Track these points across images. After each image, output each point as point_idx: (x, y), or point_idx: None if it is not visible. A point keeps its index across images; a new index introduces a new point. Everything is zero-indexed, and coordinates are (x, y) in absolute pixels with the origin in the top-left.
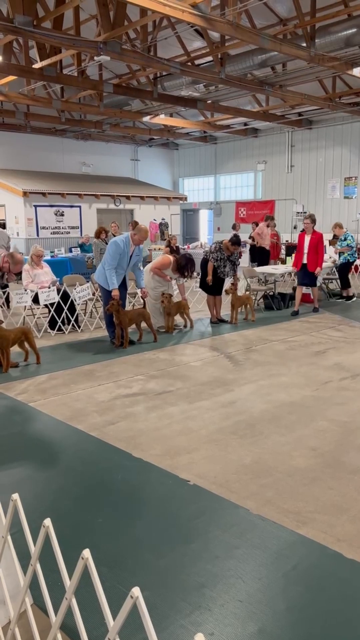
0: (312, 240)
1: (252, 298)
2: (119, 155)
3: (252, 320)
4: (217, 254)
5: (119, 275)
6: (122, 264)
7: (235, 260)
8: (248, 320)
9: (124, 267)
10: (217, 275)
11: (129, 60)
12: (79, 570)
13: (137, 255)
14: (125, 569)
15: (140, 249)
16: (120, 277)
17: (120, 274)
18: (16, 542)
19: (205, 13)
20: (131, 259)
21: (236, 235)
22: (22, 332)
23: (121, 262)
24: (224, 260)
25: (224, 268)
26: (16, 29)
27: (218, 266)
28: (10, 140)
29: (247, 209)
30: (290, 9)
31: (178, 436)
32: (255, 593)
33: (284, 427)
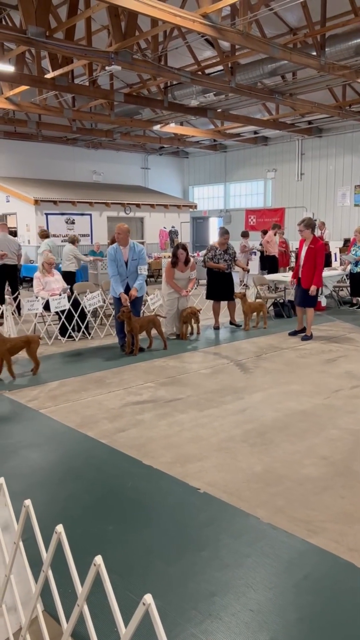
0: (309, 251)
1: (266, 305)
2: (129, 163)
3: (263, 327)
4: (210, 253)
5: (122, 282)
6: (121, 270)
7: (233, 253)
8: (259, 327)
9: (124, 274)
10: (219, 279)
11: (140, 69)
12: (91, 577)
13: (135, 259)
14: (135, 577)
15: (138, 251)
16: (123, 283)
17: (123, 281)
18: (27, 549)
19: (215, 23)
20: (129, 264)
21: (221, 228)
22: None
23: (119, 268)
24: (222, 255)
25: (224, 262)
26: (29, 39)
27: (217, 262)
28: (22, 149)
29: (257, 216)
30: (300, 18)
31: (188, 444)
32: (267, 602)
33: (295, 435)
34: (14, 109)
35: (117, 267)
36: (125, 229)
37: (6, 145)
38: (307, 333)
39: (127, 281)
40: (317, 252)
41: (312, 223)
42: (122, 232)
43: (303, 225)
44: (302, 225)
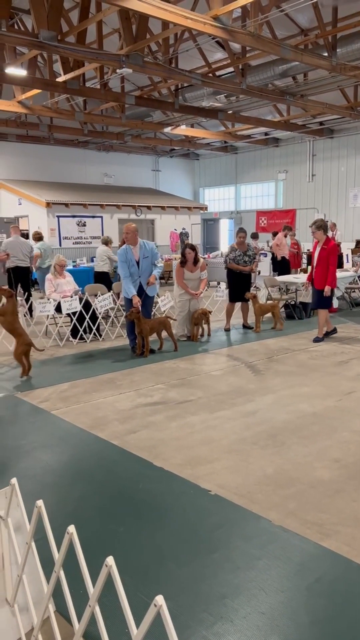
0: (321, 252)
1: (278, 307)
2: (140, 165)
3: (279, 329)
4: (232, 254)
5: (135, 282)
6: (133, 270)
7: (252, 255)
8: (276, 329)
9: (137, 274)
10: (238, 280)
11: (151, 72)
12: (102, 578)
13: (147, 257)
14: (146, 578)
15: (150, 249)
16: (136, 283)
17: (135, 281)
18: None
19: (226, 25)
20: (141, 263)
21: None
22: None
23: (131, 269)
24: (241, 257)
25: (243, 263)
26: (41, 43)
27: (237, 263)
28: (34, 152)
29: (267, 218)
30: (311, 19)
31: (199, 446)
32: (278, 605)
33: (306, 438)
34: (26, 112)
35: (129, 268)
36: (133, 228)
37: (18, 149)
38: (319, 335)
39: (140, 280)
40: (330, 253)
41: (324, 224)
42: (130, 231)
43: (314, 227)
44: (314, 227)
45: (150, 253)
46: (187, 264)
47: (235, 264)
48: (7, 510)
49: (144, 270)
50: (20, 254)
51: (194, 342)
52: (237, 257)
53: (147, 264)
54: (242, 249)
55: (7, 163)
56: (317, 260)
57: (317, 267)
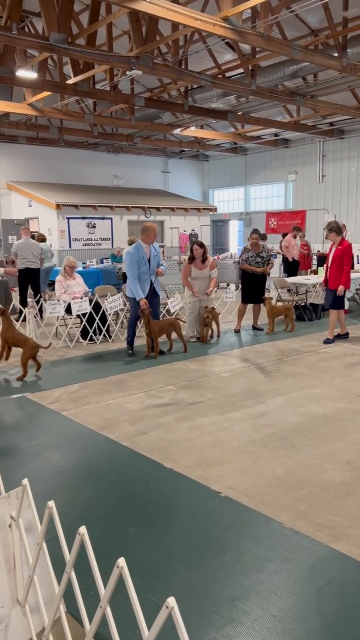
0: (336, 253)
1: (292, 309)
2: (149, 167)
3: (289, 331)
4: (245, 255)
5: (145, 282)
6: (143, 269)
7: (266, 256)
8: (287, 330)
9: (148, 272)
10: (251, 281)
11: (161, 74)
12: (114, 579)
13: (155, 255)
14: (157, 580)
15: (157, 247)
16: (147, 283)
17: (146, 280)
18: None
19: (236, 26)
20: (152, 261)
21: (253, 229)
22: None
23: (142, 268)
24: (254, 258)
25: (256, 265)
26: (51, 46)
27: (249, 265)
28: (44, 154)
29: (277, 219)
30: (321, 19)
31: (209, 447)
32: (289, 608)
33: (317, 439)
34: (36, 114)
35: (139, 267)
36: (154, 228)
37: (29, 151)
38: (330, 336)
39: (151, 279)
40: (345, 253)
41: (336, 226)
42: (153, 230)
43: (327, 229)
44: (327, 229)
45: (157, 252)
46: (196, 261)
47: (248, 265)
48: (18, 510)
49: (154, 268)
50: (30, 255)
51: (203, 344)
52: (249, 258)
53: (155, 262)
54: (256, 250)
55: (17, 165)
56: (331, 260)
57: (331, 267)
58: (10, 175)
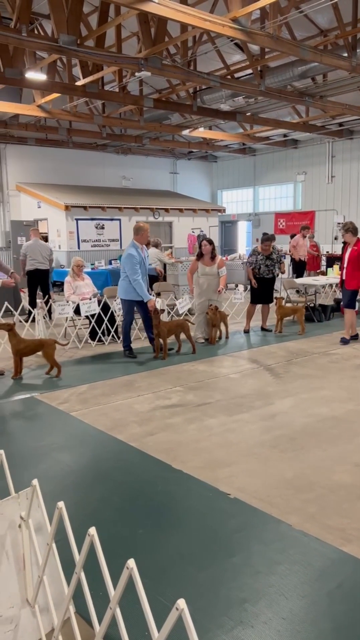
0: (352, 253)
1: (303, 310)
2: (158, 168)
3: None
4: (252, 258)
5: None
6: (142, 270)
7: (277, 257)
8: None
9: (144, 273)
10: (260, 283)
11: (169, 75)
12: (123, 580)
13: (147, 257)
14: (166, 581)
15: (146, 250)
16: (146, 284)
17: (144, 281)
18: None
19: (245, 27)
20: (145, 262)
21: (265, 233)
22: (41, 344)
23: (141, 268)
24: (263, 260)
25: (265, 267)
26: (61, 48)
27: (257, 267)
28: (53, 156)
29: (286, 220)
30: (331, 19)
31: (218, 449)
32: (299, 611)
33: (326, 441)
34: (45, 116)
35: (140, 268)
36: (145, 228)
37: (38, 152)
38: (346, 335)
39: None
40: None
41: (352, 227)
42: (147, 230)
43: (344, 229)
44: (343, 229)
45: (147, 253)
46: (204, 257)
47: (254, 269)
48: (28, 511)
49: (145, 270)
50: (39, 256)
51: (211, 345)
52: (258, 261)
53: (147, 263)
54: (266, 253)
55: (26, 167)
56: (347, 261)
57: (347, 268)
58: (20, 177)
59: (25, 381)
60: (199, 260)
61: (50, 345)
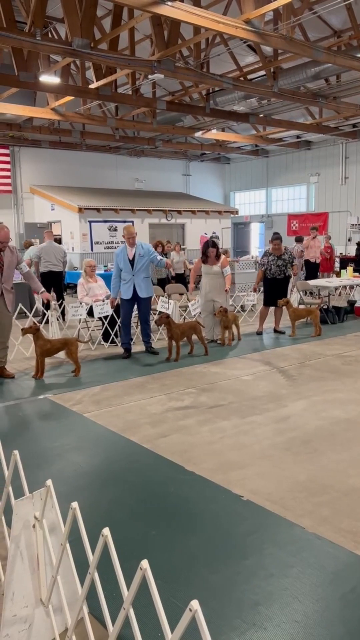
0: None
1: (317, 312)
2: (171, 170)
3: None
4: (263, 259)
5: (127, 283)
6: (126, 269)
7: (288, 258)
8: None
9: (129, 272)
10: (272, 284)
11: (182, 77)
12: (137, 580)
13: (142, 256)
14: (179, 583)
15: (145, 248)
16: (128, 283)
17: (128, 280)
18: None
19: (258, 28)
20: (136, 260)
21: (275, 233)
22: (65, 343)
23: (125, 267)
24: (274, 261)
25: (277, 268)
26: (74, 51)
27: (268, 269)
28: (67, 158)
29: (299, 221)
30: (344, 20)
31: (230, 451)
32: (313, 614)
33: (340, 444)
34: (59, 119)
35: (121, 267)
36: (132, 232)
37: (51, 155)
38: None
39: (134, 280)
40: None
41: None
42: (126, 232)
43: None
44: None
45: (145, 252)
46: (209, 260)
47: (266, 270)
48: (42, 511)
49: (138, 268)
50: (53, 258)
51: (222, 346)
52: (269, 263)
53: (142, 262)
54: (277, 253)
55: (40, 169)
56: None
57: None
58: (34, 179)
59: (38, 382)
60: (203, 263)
61: (73, 344)
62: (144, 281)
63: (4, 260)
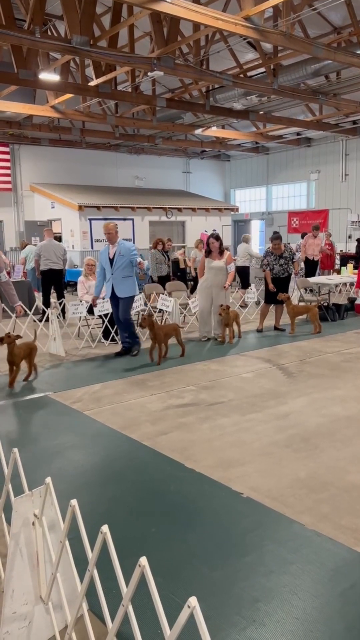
0: None
1: (315, 309)
2: (171, 168)
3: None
4: (267, 259)
5: (107, 281)
6: (107, 267)
7: (289, 256)
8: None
9: (108, 270)
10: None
11: (182, 74)
12: (136, 577)
13: (122, 255)
14: (178, 580)
15: (126, 247)
16: (107, 282)
17: (108, 279)
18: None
19: (258, 25)
20: (115, 260)
21: (274, 232)
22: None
23: (106, 266)
24: (276, 260)
25: (279, 267)
26: (74, 49)
27: (272, 268)
28: (67, 156)
29: (299, 218)
30: (344, 17)
31: (231, 448)
32: (312, 611)
33: (340, 441)
34: (58, 116)
35: (105, 265)
36: (112, 227)
37: (51, 153)
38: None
39: (112, 279)
40: None
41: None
42: (110, 231)
43: None
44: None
45: (126, 252)
46: (212, 254)
47: (269, 270)
48: (41, 508)
49: (117, 267)
50: (53, 256)
51: (222, 344)
52: (271, 262)
53: (121, 262)
54: (278, 252)
55: (40, 167)
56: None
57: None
58: (33, 177)
59: (38, 380)
60: (207, 257)
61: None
62: (123, 281)
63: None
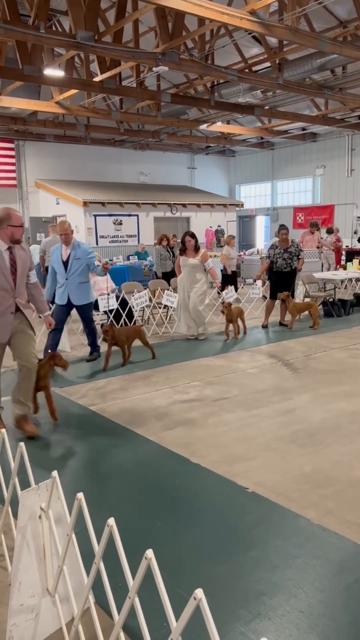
0: None
1: (316, 305)
2: (176, 163)
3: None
4: (270, 251)
5: (60, 286)
6: (59, 270)
7: (295, 251)
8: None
9: (63, 275)
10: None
11: (187, 69)
12: (142, 569)
13: (78, 258)
14: (184, 574)
15: (82, 250)
16: (62, 287)
17: (62, 284)
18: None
19: (263, 19)
20: (70, 263)
21: (281, 225)
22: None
23: (58, 269)
24: (280, 254)
25: (283, 261)
26: (79, 44)
27: (274, 262)
28: (71, 152)
29: (305, 214)
30: (350, 10)
31: (236, 443)
32: (317, 605)
33: (345, 437)
34: (63, 112)
35: (57, 267)
36: (67, 227)
37: (56, 149)
38: None
39: (67, 285)
40: None
41: None
42: (65, 231)
43: None
44: None
45: (83, 255)
46: (188, 251)
47: (272, 264)
48: (48, 502)
49: (73, 272)
50: None
51: (227, 340)
52: (275, 255)
53: (77, 266)
54: (284, 246)
55: (45, 163)
56: None
57: None
58: (38, 174)
59: None
60: (182, 255)
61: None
62: (79, 287)
63: (17, 261)
